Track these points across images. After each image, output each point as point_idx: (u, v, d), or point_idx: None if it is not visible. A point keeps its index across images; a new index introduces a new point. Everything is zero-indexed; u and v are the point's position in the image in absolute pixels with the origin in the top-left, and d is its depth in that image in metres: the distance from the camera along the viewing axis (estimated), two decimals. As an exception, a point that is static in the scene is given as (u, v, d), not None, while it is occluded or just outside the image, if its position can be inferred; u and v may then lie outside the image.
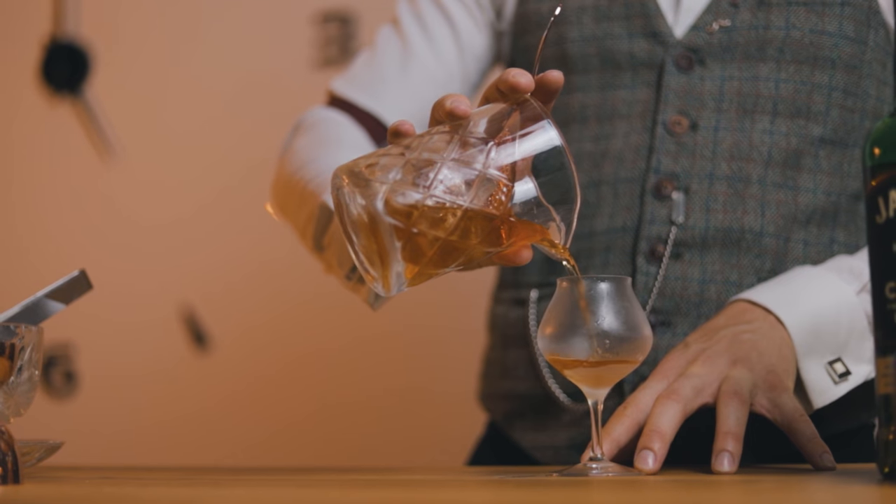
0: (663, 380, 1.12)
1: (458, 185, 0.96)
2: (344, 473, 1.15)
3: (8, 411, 1.12)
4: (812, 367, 1.17)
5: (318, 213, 1.26)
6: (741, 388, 1.09)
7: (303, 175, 1.34)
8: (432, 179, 0.96)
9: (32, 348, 1.13)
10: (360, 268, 1.00)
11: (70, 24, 2.76)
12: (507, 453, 1.43)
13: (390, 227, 0.95)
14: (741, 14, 1.33)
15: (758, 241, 1.30)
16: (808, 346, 1.17)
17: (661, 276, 1.30)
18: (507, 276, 1.46)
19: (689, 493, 0.84)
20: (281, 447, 2.61)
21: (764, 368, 1.12)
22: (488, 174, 0.97)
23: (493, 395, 1.46)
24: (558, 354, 1.02)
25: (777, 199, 1.31)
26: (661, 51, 1.34)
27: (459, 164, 0.97)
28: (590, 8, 1.38)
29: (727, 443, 1.04)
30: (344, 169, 0.98)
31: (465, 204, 0.96)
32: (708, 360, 1.12)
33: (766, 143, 1.31)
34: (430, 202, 0.95)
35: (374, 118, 1.47)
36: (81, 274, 1.22)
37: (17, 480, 0.94)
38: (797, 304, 1.18)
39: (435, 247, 0.97)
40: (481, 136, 0.98)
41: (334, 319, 2.60)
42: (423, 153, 0.97)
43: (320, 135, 1.43)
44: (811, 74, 1.32)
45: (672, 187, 1.31)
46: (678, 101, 1.33)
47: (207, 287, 2.70)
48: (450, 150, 0.97)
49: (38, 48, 2.76)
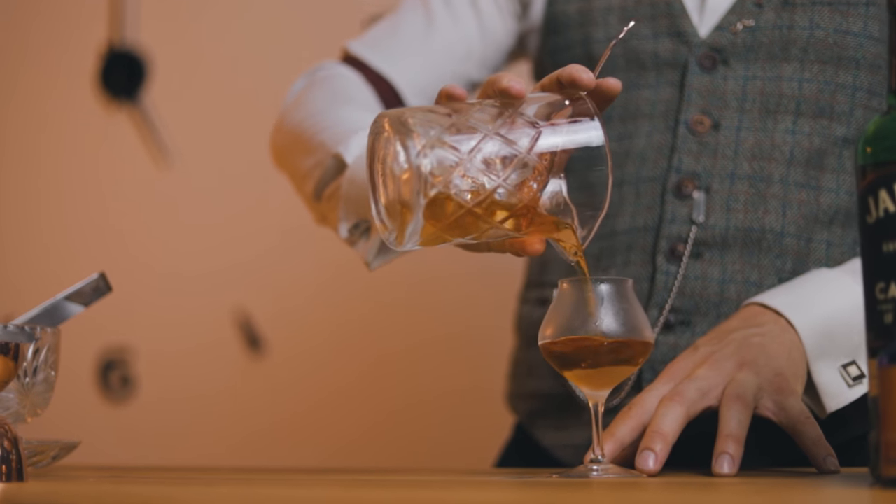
0: (669, 381, 1.11)
1: (497, 160, 0.97)
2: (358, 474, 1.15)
3: (24, 411, 1.14)
4: (824, 369, 1.16)
5: (328, 162, 1.28)
6: (745, 392, 1.08)
7: (313, 124, 1.36)
8: (473, 147, 0.96)
9: (49, 349, 1.15)
10: (377, 217, 1.00)
11: (128, 31, 2.79)
12: (533, 455, 1.43)
13: (422, 182, 0.95)
14: (765, 14, 1.32)
15: (779, 241, 1.29)
16: (820, 349, 1.16)
17: (681, 276, 1.30)
18: (532, 276, 1.47)
19: (686, 494, 0.84)
20: (336, 449, 2.62)
21: (771, 372, 1.11)
22: (528, 158, 0.97)
23: (518, 394, 1.46)
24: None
25: (799, 199, 1.30)
26: (686, 51, 1.34)
27: (503, 140, 0.97)
28: (616, 9, 1.39)
29: (727, 445, 1.03)
30: (388, 116, 0.97)
31: (499, 181, 0.96)
32: (715, 363, 1.11)
33: (788, 143, 1.30)
34: (465, 168, 0.96)
35: (386, 82, 1.47)
36: (101, 277, 1.23)
37: (21, 478, 0.96)
38: (809, 306, 1.17)
39: (458, 214, 0.97)
40: (530, 120, 0.99)
41: (390, 323, 2.61)
42: (470, 120, 0.97)
43: (333, 89, 1.44)
44: (835, 74, 1.31)
45: (693, 186, 1.31)
46: (701, 101, 1.32)
47: (262, 292, 2.72)
48: (496, 125, 0.97)
49: (95, 55, 2.80)
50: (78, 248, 2.79)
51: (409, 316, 2.60)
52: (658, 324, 1.29)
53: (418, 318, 2.60)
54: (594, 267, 1.34)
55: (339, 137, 1.29)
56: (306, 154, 1.34)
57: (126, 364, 2.76)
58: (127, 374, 2.76)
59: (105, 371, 2.76)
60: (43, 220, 2.83)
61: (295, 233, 2.67)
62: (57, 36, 2.85)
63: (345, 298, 2.62)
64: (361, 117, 1.34)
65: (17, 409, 1.13)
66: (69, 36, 2.84)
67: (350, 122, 1.33)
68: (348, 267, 2.61)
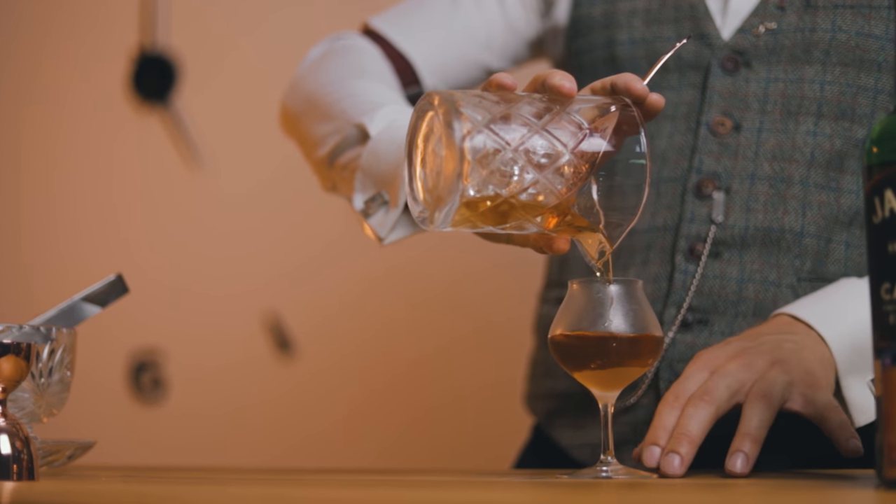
0: (704, 370, 1.10)
1: (539, 155, 0.97)
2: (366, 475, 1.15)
3: (39, 411, 1.15)
4: (855, 384, 1.15)
5: (349, 131, 1.29)
6: (771, 391, 1.07)
7: (332, 91, 1.36)
8: (518, 139, 0.97)
9: (64, 350, 1.16)
10: (410, 195, 1.00)
11: (159, 34, 2.81)
12: (551, 457, 1.42)
13: (464, 165, 0.95)
14: (787, 17, 1.32)
15: (798, 241, 1.29)
16: (850, 364, 1.15)
17: (699, 275, 1.29)
18: (552, 276, 1.47)
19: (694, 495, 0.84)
20: (368, 451, 2.63)
21: (803, 370, 1.11)
22: (570, 158, 0.98)
23: (536, 395, 1.46)
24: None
25: (819, 201, 1.29)
26: (708, 53, 1.34)
27: (549, 136, 0.98)
28: (640, 11, 1.39)
29: (744, 444, 1.03)
30: (439, 94, 0.98)
31: (539, 176, 0.97)
32: (747, 360, 1.10)
33: (809, 145, 1.30)
34: (507, 158, 0.96)
35: (403, 59, 1.48)
36: (118, 278, 1.24)
37: (32, 477, 0.97)
38: (840, 320, 1.16)
39: (494, 202, 0.97)
40: (577, 121, 1.00)
41: (420, 325, 2.62)
42: (518, 111, 0.98)
43: (352, 61, 1.45)
44: (857, 77, 1.30)
45: (713, 187, 1.31)
46: (722, 103, 1.32)
47: (292, 294, 2.73)
48: (544, 121, 0.98)
49: (126, 59, 2.82)
50: (109, 251, 2.80)
51: (440, 316, 2.61)
52: (676, 322, 1.29)
53: (447, 319, 2.60)
54: (613, 265, 1.35)
55: (363, 108, 1.30)
56: (324, 120, 1.35)
57: (157, 366, 2.78)
58: (158, 376, 2.77)
59: (136, 373, 2.78)
60: (74, 222, 2.85)
61: (325, 235, 2.69)
62: (89, 40, 2.87)
63: (374, 301, 2.63)
64: (383, 91, 1.35)
65: (33, 409, 1.14)
66: (101, 40, 2.86)
67: (372, 95, 1.35)
68: (378, 270, 2.62)
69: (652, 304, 1.29)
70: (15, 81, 2.90)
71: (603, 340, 1.01)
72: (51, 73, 2.88)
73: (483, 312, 2.56)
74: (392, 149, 1.25)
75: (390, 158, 1.25)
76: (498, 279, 2.48)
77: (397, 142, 1.24)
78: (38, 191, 2.88)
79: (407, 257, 2.51)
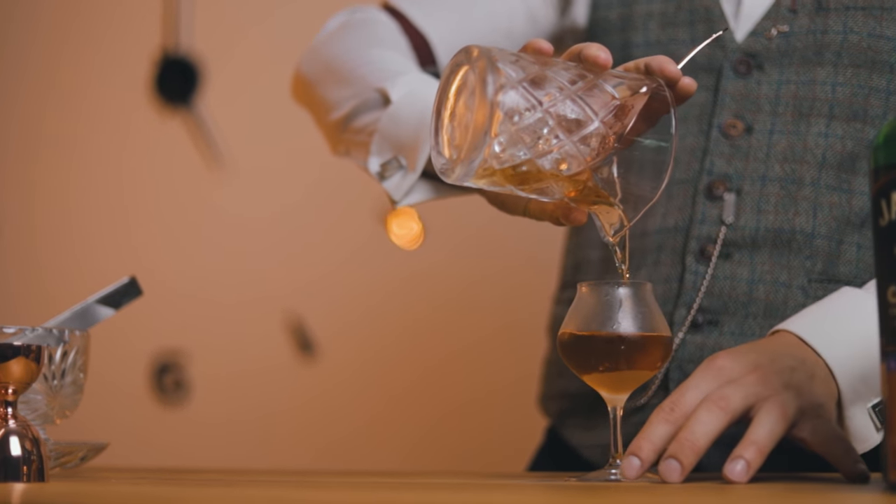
0: (714, 381, 1.03)
1: (570, 119, 0.98)
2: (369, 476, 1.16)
3: (52, 413, 1.16)
4: (857, 413, 1.11)
5: (369, 96, 1.30)
6: (788, 406, 1.02)
7: (352, 58, 1.38)
8: (551, 101, 0.97)
9: (77, 352, 1.17)
10: (434, 148, 1.01)
11: (182, 37, 2.82)
12: (564, 458, 1.42)
13: (494, 119, 0.95)
14: (799, 19, 1.32)
15: (809, 242, 1.28)
16: (854, 393, 1.10)
17: (710, 276, 1.29)
18: (566, 277, 1.48)
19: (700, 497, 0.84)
20: (389, 452, 2.63)
21: (813, 402, 1.06)
22: (599, 127, 0.99)
23: (549, 395, 1.47)
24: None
25: (830, 202, 1.29)
26: (721, 55, 1.34)
27: (581, 103, 0.98)
28: (656, 15, 1.40)
29: (747, 450, 0.98)
30: (477, 47, 0.98)
31: (566, 140, 0.97)
32: (763, 375, 1.04)
33: (820, 146, 1.30)
34: (538, 118, 0.97)
35: (421, 37, 1.48)
36: (132, 280, 1.25)
37: (42, 478, 0.97)
38: (847, 346, 1.10)
39: (520, 160, 0.98)
40: (610, 92, 1.00)
41: (443, 325, 2.62)
42: (553, 74, 0.99)
43: (371, 33, 1.45)
44: (869, 78, 1.30)
45: (724, 188, 1.31)
46: (734, 105, 1.32)
47: (314, 296, 2.73)
48: (577, 86, 0.99)
49: (149, 61, 2.83)
50: (130, 253, 2.82)
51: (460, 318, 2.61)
52: (686, 323, 1.29)
53: (466, 321, 2.60)
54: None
55: (384, 75, 1.32)
56: (342, 85, 1.36)
57: (180, 368, 2.79)
58: (180, 378, 2.78)
59: (159, 375, 2.79)
60: (96, 223, 2.87)
61: (347, 238, 2.69)
62: (111, 42, 2.88)
63: (403, 303, 2.63)
64: (403, 62, 1.37)
65: (46, 411, 1.15)
66: (124, 42, 2.87)
67: (392, 64, 1.36)
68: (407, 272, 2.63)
69: (662, 305, 1.29)
70: (35, 84, 2.91)
71: (611, 343, 1.01)
72: (72, 76, 2.89)
73: (503, 313, 2.56)
74: (413, 114, 1.26)
75: (410, 123, 1.26)
76: (515, 280, 2.48)
77: (418, 108, 1.26)
78: (58, 193, 2.89)
79: (429, 262, 2.52)
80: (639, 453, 0.99)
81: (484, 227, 2.50)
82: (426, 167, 1.26)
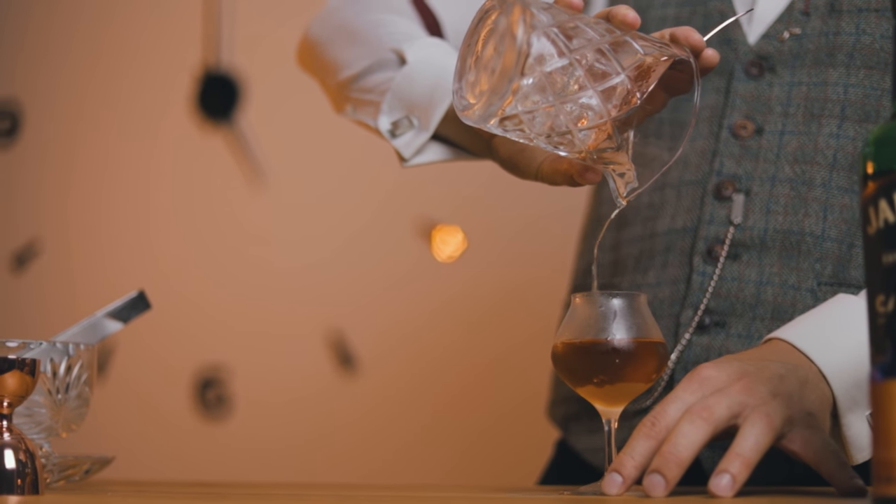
0: (697, 391, 1.00)
1: (597, 70, 0.99)
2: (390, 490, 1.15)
3: (57, 426, 1.16)
4: (854, 421, 1.08)
5: (384, 56, 1.33)
6: (775, 416, 0.99)
7: (367, 21, 1.40)
8: (579, 48, 0.98)
9: (82, 366, 1.17)
10: (458, 90, 1.01)
11: (223, 53, 2.84)
12: (572, 471, 1.41)
13: (522, 61, 0.96)
14: (812, 22, 1.31)
15: (819, 244, 1.26)
16: (851, 400, 1.08)
17: (717, 277, 1.28)
18: (577, 281, 1.48)
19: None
20: (434, 466, 2.63)
21: (804, 410, 1.03)
22: (625, 80, 0.99)
23: (555, 400, 1.47)
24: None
25: (841, 204, 1.27)
26: (733, 57, 1.34)
27: (609, 55, 0.99)
28: (671, 18, 1.40)
29: (732, 464, 0.94)
30: None
31: (591, 89, 0.98)
32: (749, 383, 1.01)
33: (832, 147, 1.28)
34: (565, 66, 0.97)
35: (432, 16, 1.48)
36: (140, 294, 1.25)
37: (36, 491, 0.98)
38: (842, 353, 1.08)
39: (542, 105, 0.98)
40: (637, 50, 1.01)
41: (482, 340, 2.61)
42: (584, 26, 1.00)
43: (387, 2, 1.46)
44: (881, 80, 1.29)
45: (733, 189, 1.30)
46: (745, 107, 1.32)
47: (355, 311, 2.74)
48: (606, 39, 1.00)
49: (190, 78, 2.85)
50: (173, 267, 2.83)
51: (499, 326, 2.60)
52: (692, 324, 1.27)
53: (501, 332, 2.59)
54: (633, 268, 1.36)
55: (400, 38, 1.34)
56: (356, 45, 1.39)
57: (222, 383, 2.80)
58: (222, 393, 2.80)
59: (202, 389, 2.80)
60: (139, 240, 2.89)
61: (386, 252, 2.69)
62: (152, 59, 2.91)
63: (442, 317, 2.63)
64: (417, 29, 1.39)
65: (50, 424, 1.15)
66: (165, 59, 2.89)
67: (407, 29, 1.38)
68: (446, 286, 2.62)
69: (670, 306, 1.28)
70: (75, 101, 2.94)
71: (604, 356, 0.99)
72: (113, 92, 2.92)
73: (539, 318, 2.55)
74: (428, 76, 1.28)
75: (425, 84, 1.28)
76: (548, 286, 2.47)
77: (434, 71, 1.28)
78: (98, 210, 2.92)
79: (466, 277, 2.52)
80: (621, 470, 0.97)
81: (517, 236, 2.50)
82: (438, 131, 1.28)
